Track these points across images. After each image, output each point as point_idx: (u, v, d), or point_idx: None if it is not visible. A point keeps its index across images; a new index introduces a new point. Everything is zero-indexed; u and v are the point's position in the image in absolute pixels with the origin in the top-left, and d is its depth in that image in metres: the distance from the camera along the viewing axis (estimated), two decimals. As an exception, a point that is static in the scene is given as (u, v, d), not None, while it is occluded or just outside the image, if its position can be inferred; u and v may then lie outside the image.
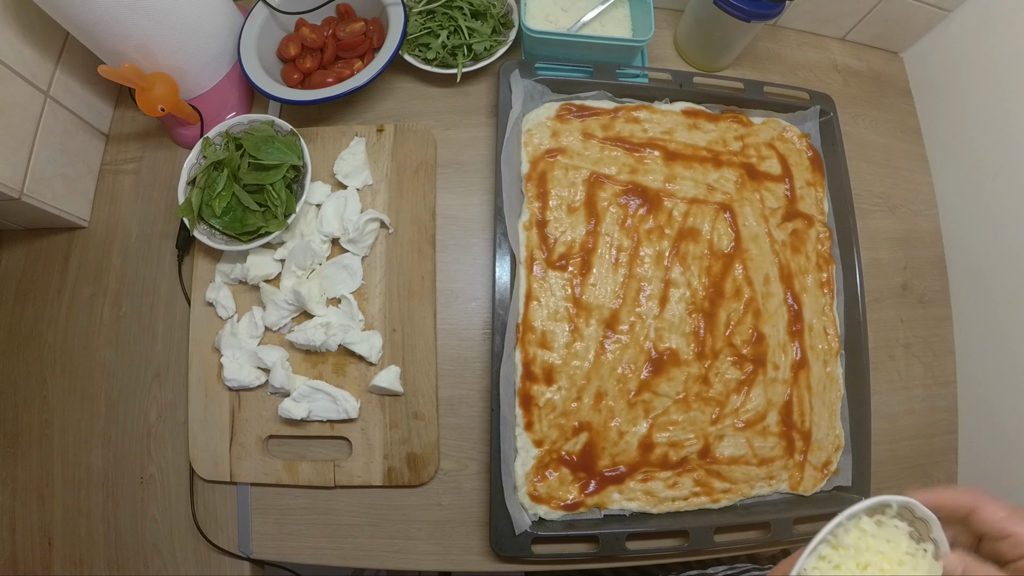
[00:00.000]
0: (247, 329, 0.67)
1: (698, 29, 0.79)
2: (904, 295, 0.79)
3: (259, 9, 0.73)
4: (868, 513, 0.43)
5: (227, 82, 0.75)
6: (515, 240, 0.68)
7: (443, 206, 0.74)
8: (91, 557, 0.66)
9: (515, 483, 0.63)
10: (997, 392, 0.73)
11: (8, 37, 0.63)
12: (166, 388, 0.70)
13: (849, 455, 0.69)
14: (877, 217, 0.81)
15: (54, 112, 0.69)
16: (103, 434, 0.69)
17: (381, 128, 0.74)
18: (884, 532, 0.42)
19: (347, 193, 0.71)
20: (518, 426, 0.64)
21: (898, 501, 0.41)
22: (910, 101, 0.88)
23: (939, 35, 0.84)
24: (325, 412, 0.65)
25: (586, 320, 0.67)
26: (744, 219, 0.72)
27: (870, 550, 0.41)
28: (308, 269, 0.69)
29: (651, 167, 0.73)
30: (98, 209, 0.76)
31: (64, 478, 0.68)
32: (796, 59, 0.88)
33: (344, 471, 0.66)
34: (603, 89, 0.74)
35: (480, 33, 0.75)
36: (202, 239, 0.65)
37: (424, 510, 0.67)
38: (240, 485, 0.67)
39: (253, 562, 0.67)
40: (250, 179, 0.65)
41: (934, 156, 0.85)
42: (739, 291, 0.70)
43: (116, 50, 0.65)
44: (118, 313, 0.72)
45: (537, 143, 0.72)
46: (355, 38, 0.74)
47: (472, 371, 0.70)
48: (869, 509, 0.42)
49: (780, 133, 0.77)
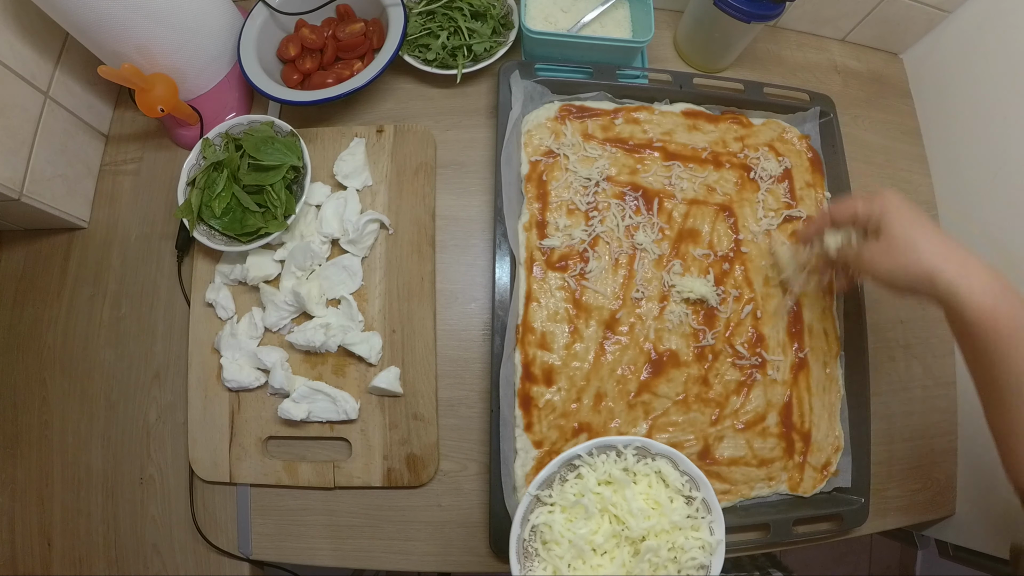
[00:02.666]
0: (247, 330, 0.67)
1: (698, 30, 0.79)
2: (904, 296, 0.79)
3: (259, 10, 0.73)
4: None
5: (227, 83, 0.75)
6: (515, 241, 0.68)
7: (443, 207, 0.74)
8: (91, 558, 0.66)
9: (515, 484, 0.63)
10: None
11: (8, 38, 0.63)
12: (166, 389, 0.70)
13: (848, 456, 0.69)
14: (877, 218, 0.81)
15: (54, 113, 0.69)
16: (103, 435, 0.69)
17: (381, 129, 0.74)
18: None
19: (347, 194, 0.71)
20: (518, 427, 0.64)
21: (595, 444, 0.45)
22: (910, 102, 0.88)
23: (939, 36, 0.84)
24: (325, 413, 0.65)
25: (586, 321, 0.67)
26: (744, 220, 0.72)
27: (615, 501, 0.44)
28: (308, 270, 0.69)
29: (651, 168, 0.73)
30: (98, 210, 0.76)
31: (64, 479, 0.68)
32: (796, 60, 0.88)
33: (344, 472, 0.66)
34: (603, 90, 0.74)
35: (480, 34, 0.75)
36: (202, 240, 0.65)
37: (424, 511, 0.67)
38: (240, 486, 0.67)
39: (253, 563, 0.67)
40: (250, 180, 0.65)
41: (934, 157, 0.85)
42: (739, 292, 0.70)
43: (116, 51, 0.65)
44: (118, 314, 0.72)
45: (537, 144, 0.72)
46: (355, 39, 0.74)
47: (472, 372, 0.70)
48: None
49: (780, 134, 0.77)
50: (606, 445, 0.45)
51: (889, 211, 0.51)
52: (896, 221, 0.50)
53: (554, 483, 0.45)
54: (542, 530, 0.44)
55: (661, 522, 0.44)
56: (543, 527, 0.44)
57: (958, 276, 0.46)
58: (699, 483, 0.46)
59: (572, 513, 0.44)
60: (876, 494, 0.68)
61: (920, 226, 0.50)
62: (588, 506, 0.44)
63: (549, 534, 0.43)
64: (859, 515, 0.67)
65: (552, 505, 0.45)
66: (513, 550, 0.42)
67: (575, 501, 0.44)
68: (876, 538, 1.53)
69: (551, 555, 0.43)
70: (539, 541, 0.44)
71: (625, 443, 0.45)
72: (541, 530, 0.44)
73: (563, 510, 0.44)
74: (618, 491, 0.45)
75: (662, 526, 0.44)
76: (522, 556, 0.43)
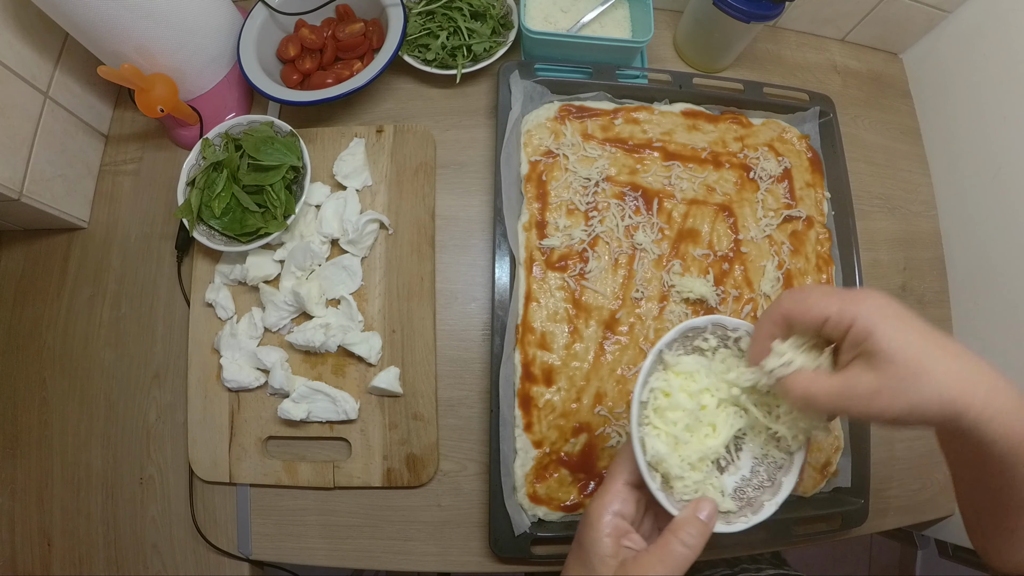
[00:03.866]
0: (246, 330, 0.67)
1: (698, 30, 0.79)
2: (904, 296, 0.79)
3: (259, 10, 0.73)
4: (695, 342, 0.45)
5: (226, 83, 0.75)
6: (514, 241, 0.68)
7: (442, 207, 0.74)
8: (90, 558, 0.66)
9: (514, 484, 0.63)
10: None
11: (8, 38, 0.63)
12: (165, 389, 0.70)
13: (848, 456, 0.69)
14: (876, 218, 0.81)
15: (53, 113, 0.69)
16: (102, 435, 0.69)
17: (380, 129, 0.74)
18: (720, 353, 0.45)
19: (346, 194, 0.71)
20: (517, 427, 0.64)
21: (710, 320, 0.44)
22: (910, 102, 0.88)
23: (939, 36, 0.84)
24: (324, 413, 0.65)
25: (585, 321, 0.67)
26: (744, 220, 0.72)
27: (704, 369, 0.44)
28: (307, 270, 0.69)
29: (651, 168, 0.73)
30: (97, 210, 0.76)
31: (63, 479, 0.68)
32: (796, 60, 0.88)
33: (343, 472, 0.66)
34: (603, 90, 0.74)
35: (480, 34, 0.75)
36: (201, 240, 0.65)
37: (423, 511, 0.67)
38: (239, 486, 0.67)
39: (252, 563, 0.67)
40: (249, 180, 0.65)
41: (933, 157, 0.85)
42: (739, 292, 0.70)
43: (115, 51, 0.65)
44: (117, 314, 0.72)
45: (536, 144, 0.72)
46: (354, 39, 0.74)
47: (471, 372, 0.70)
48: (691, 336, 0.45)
49: (780, 134, 0.77)
50: (719, 324, 0.44)
51: (879, 322, 0.35)
52: (896, 343, 0.35)
53: (672, 349, 0.44)
54: (657, 396, 0.43)
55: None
56: (660, 392, 0.43)
57: (986, 409, 0.34)
58: None
59: (685, 383, 0.43)
60: (876, 494, 0.68)
61: (925, 343, 0.35)
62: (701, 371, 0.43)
63: (664, 401, 0.43)
64: (859, 515, 0.67)
65: (668, 370, 0.44)
66: (634, 411, 0.41)
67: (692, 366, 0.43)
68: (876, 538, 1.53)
69: (665, 421, 0.42)
70: (651, 409, 0.43)
71: (735, 327, 0.44)
72: (656, 396, 0.43)
73: (679, 376, 0.44)
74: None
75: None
76: (639, 422, 0.42)
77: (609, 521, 0.41)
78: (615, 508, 0.41)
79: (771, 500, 0.43)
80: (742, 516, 0.43)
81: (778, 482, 0.43)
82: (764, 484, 0.44)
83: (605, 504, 0.41)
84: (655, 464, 0.42)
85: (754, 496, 0.44)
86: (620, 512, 0.41)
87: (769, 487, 0.44)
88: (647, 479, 0.41)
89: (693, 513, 0.40)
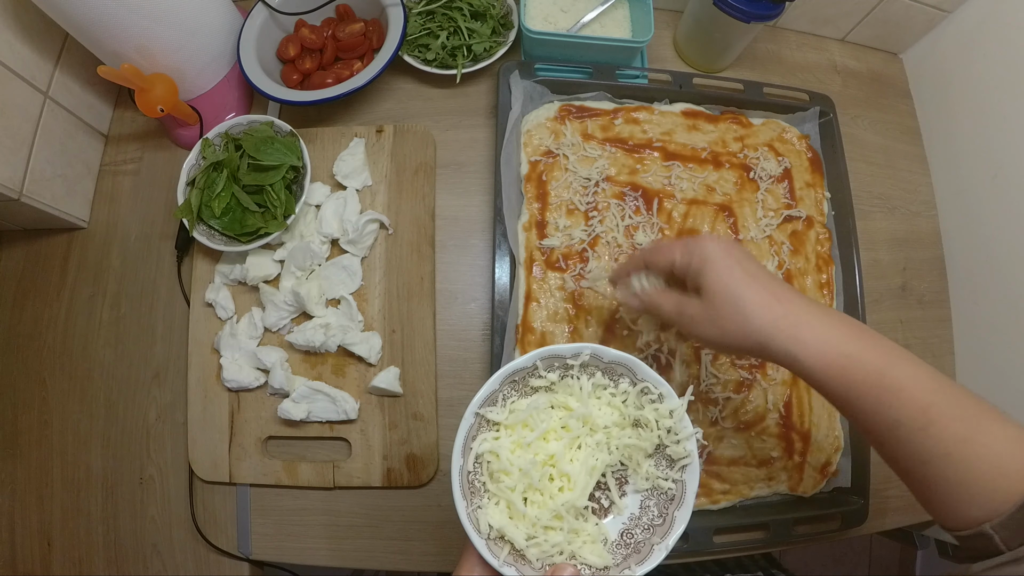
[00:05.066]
0: (246, 330, 0.67)
1: (698, 30, 0.79)
2: (903, 296, 0.80)
3: (258, 10, 0.73)
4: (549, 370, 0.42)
5: (226, 83, 0.75)
6: (514, 241, 0.68)
7: (442, 207, 0.74)
8: (90, 558, 0.66)
9: (514, 484, 0.63)
10: (996, 393, 0.73)
11: (7, 38, 0.63)
12: (165, 389, 0.70)
13: (848, 456, 0.69)
14: (876, 218, 0.81)
15: (53, 113, 0.69)
16: (102, 435, 0.69)
17: (380, 129, 0.74)
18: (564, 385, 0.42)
19: (346, 194, 0.71)
20: (517, 427, 0.64)
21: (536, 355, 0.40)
22: (909, 102, 0.88)
23: (939, 36, 0.84)
24: (324, 413, 0.65)
25: (585, 321, 0.67)
26: (744, 220, 0.72)
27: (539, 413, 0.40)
28: (307, 270, 0.69)
29: (651, 168, 0.73)
30: (97, 210, 0.76)
31: (63, 479, 0.68)
32: (796, 60, 0.88)
33: (343, 472, 0.66)
34: (603, 90, 0.74)
35: (480, 34, 0.75)
36: (201, 240, 0.65)
37: (423, 511, 0.67)
38: (239, 486, 0.67)
39: (252, 563, 0.67)
40: (249, 180, 0.65)
41: (933, 157, 0.85)
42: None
43: (115, 51, 0.65)
44: (117, 314, 0.72)
45: (536, 144, 0.72)
46: (354, 39, 0.74)
47: (471, 372, 0.70)
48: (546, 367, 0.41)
49: (780, 134, 0.77)
50: (553, 355, 0.40)
51: (708, 263, 0.43)
52: (715, 277, 0.42)
53: (497, 402, 0.40)
54: (488, 459, 0.39)
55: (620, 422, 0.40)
56: (488, 455, 0.39)
57: (791, 339, 0.39)
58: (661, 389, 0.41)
59: (519, 436, 0.39)
60: (876, 494, 0.68)
61: (743, 280, 0.42)
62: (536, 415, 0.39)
63: (496, 463, 0.39)
64: (859, 515, 0.67)
65: (497, 427, 0.40)
66: (456, 485, 0.37)
67: (525, 413, 0.39)
68: (876, 538, 1.53)
69: (500, 488, 0.38)
70: (486, 474, 0.39)
71: (574, 352, 0.40)
72: (487, 459, 0.39)
73: (510, 431, 0.39)
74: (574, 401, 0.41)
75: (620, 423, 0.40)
76: (468, 492, 0.38)
77: None
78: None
79: (661, 543, 0.39)
80: (625, 568, 0.38)
81: (670, 518, 0.40)
82: (655, 522, 0.40)
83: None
84: (500, 536, 0.38)
85: (643, 539, 0.40)
86: None
87: (660, 525, 0.40)
88: (488, 557, 0.37)
89: None
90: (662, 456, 0.40)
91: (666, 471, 0.40)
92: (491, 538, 0.37)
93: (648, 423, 0.40)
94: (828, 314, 0.41)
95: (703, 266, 0.43)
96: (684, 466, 0.40)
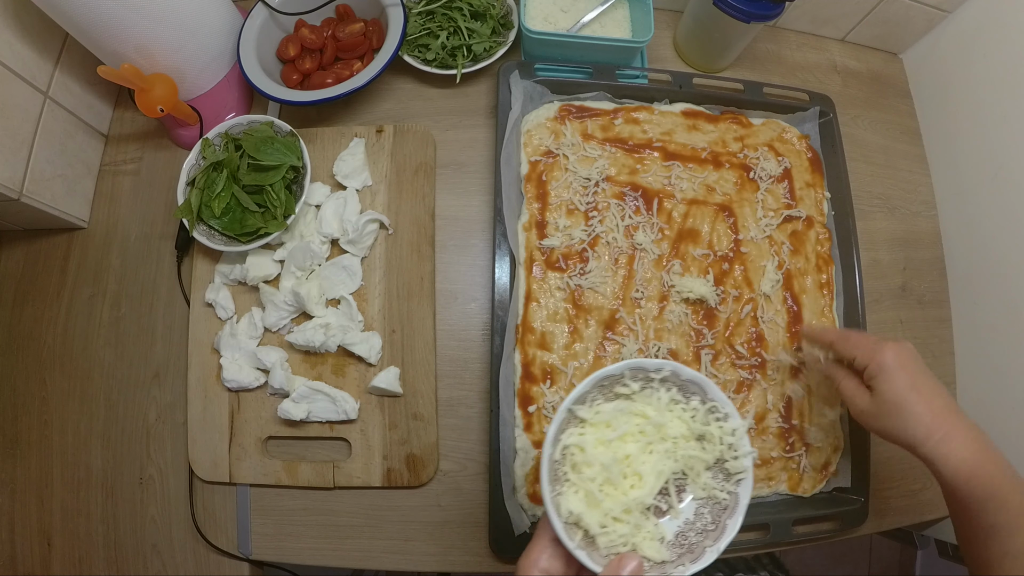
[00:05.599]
0: (246, 330, 0.67)
1: (698, 30, 0.79)
2: (903, 296, 0.80)
3: (258, 10, 0.73)
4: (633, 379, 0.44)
5: (226, 83, 0.75)
6: (514, 241, 0.68)
7: (442, 207, 0.74)
8: (90, 558, 0.66)
9: (514, 484, 0.63)
10: (996, 393, 0.73)
11: (7, 38, 0.63)
12: (165, 389, 0.70)
13: (848, 456, 0.69)
14: (876, 218, 0.81)
15: (53, 113, 0.69)
16: (102, 435, 0.69)
17: (380, 129, 0.74)
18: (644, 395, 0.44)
19: (346, 194, 0.71)
20: (517, 427, 0.64)
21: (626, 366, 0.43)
22: (909, 102, 0.88)
23: (938, 36, 0.84)
24: (324, 413, 0.65)
25: (585, 321, 0.67)
26: (743, 220, 0.72)
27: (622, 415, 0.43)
28: (307, 270, 0.69)
29: (650, 168, 0.73)
30: (97, 210, 0.76)
31: (63, 479, 0.68)
32: (796, 60, 0.88)
33: (343, 472, 0.66)
34: (602, 90, 0.75)
35: (480, 34, 0.75)
36: (201, 240, 0.65)
37: (423, 511, 0.67)
38: (239, 486, 0.67)
39: (252, 563, 0.67)
40: (249, 180, 0.65)
41: (933, 157, 0.85)
42: (739, 292, 0.70)
43: (115, 51, 0.65)
44: (117, 314, 0.72)
45: (536, 144, 0.72)
46: (354, 39, 0.74)
47: (471, 372, 0.70)
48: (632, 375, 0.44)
49: (779, 134, 0.77)
50: (639, 367, 0.43)
51: (883, 372, 0.52)
52: (887, 387, 0.52)
53: (585, 402, 0.43)
54: (572, 452, 0.42)
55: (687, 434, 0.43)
56: (574, 448, 0.42)
57: (936, 448, 0.49)
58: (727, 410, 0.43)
59: (601, 434, 0.43)
60: (876, 494, 0.68)
61: (909, 395, 0.50)
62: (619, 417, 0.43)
63: (580, 456, 0.42)
64: (858, 515, 0.67)
65: (583, 423, 0.43)
66: (545, 471, 0.40)
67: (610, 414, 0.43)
68: (876, 538, 1.53)
69: (582, 478, 0.41)
70: (568, 465, 0.42)
71: (657, 367, 0.43)
72: (572, 452, 0.42)
73: (594, 429, 0.43)
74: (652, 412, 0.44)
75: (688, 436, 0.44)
76: (552, 479, 0.41)
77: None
78: (542, 564, 0.41)
79: (712, 547, 0.42)
80: (680, 565, 0.41)
81: (722, 525, 0.42)
82: (708, 528, 0.43)
83: (532, 560, 0.41)
84: (576, 522, 0.41)
85: (696, 542, 0.43)
86: (547, 569, 0.41)
87: (712, 531, 0.43)
88: (564, 540, 0.39)
89: (615, 571, 0.39)
90: (719, 469, 0.44)
91: (722, 483, 0.44)
92: (568, 523, 0.40)
93: (712, 438, 0.43)
94: (971, 433, 0.49)
95: (879, 373, 0.52)
96: (739, 480, 0.43)
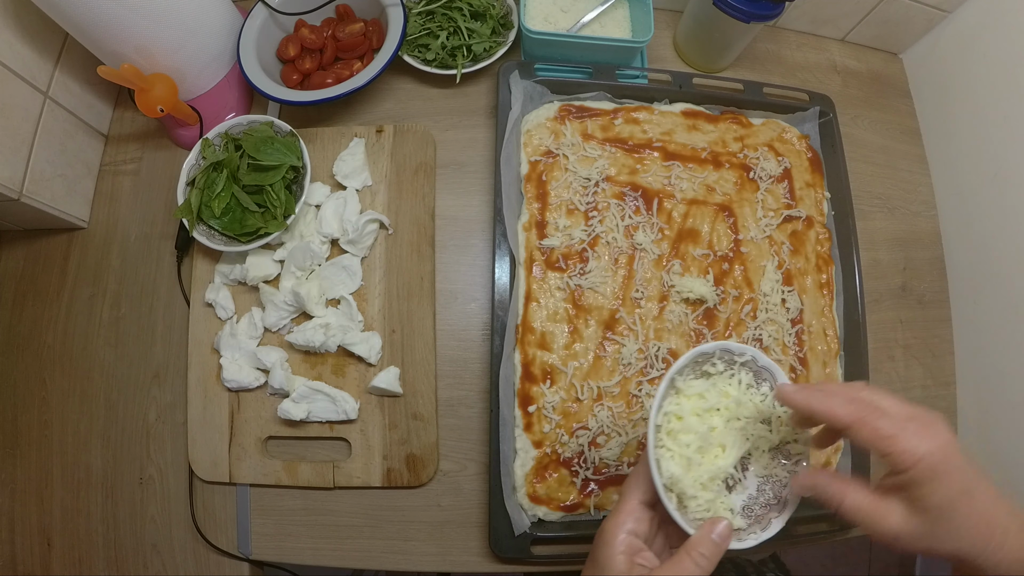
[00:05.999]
0: (246, 330, 0.67)
1: (698, 30, 0.79)
2: (903, 296, 0.80)
3: (258, 10, 0.73)
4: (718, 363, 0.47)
5: (226, 83, 0.75)
6: (514, 241, 0.68)
7: (442, 207, 0.74)
8: (90, 558, 0.66)
9: (514, 484, 0.63)
10: (996, 393, 0.73)
11: (7, 38, 0.63)
12: (165, 389, 0.70)
13: (848, 456, 0.69)
14: (876, 218, 0.81)
15: (53, 113, 0.69)
16: (102, 435, 0.69)
17: (380, 129, 0.74)
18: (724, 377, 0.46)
19: (346, 194, 0.71)
20: (517, 427, 0.64)
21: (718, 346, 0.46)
22: (909, 102, 0.88)
23: (938, 36, 0.84)
24: (324, 413, 0.65)
25: (585, 321, 0.67)
26: (743, 220, 0.72)
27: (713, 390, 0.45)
28: (307, 270, 0.69)
29: (650, 168, 0.73)
30: (97, 210, 0.76)
31: (63, 479, 0.68)
32: (795, 60, 0.88)
33: (343, 472, 0.66)
34: (602, 90, 0.74)
35: (479, 34, 0.75)
36: (201, 240, 0.65)
37: (423, 511, 0.67)
38: (239, 486, 0.67)
39: (252, 563, 0.67)
40: (249, 180, 0.65)
41: (933, 157, 0.85)
42: (739, 292, 0.70)
43: (115, 51, 0.65)
44: (117, 314, 0.72)
45: (536, 144, 0.72)
46: (354, 39, 0.74)
47: (471, 372, 0.70)
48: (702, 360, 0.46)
49: (779, 134, 0.77)
50: (726, 349, 0.46)
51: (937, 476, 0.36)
52: (943, 494, 0.36)
53: (682, 375, 0.46)
54: (670, 419, 0.44)
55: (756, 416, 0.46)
56: (673, 416, 0.44)
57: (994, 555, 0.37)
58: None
59: (695, 405, 0.45)
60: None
61: (964, 500, 0.36)
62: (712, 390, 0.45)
63: (677, 424, 0.44)
64: (859, 515, 0.67)
65: (679, 394, 0.45)
66: (651, 435, 0.43)
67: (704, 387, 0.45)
68: (876, 538, 1.53)
69: (678, 444, 0.44)
70: (664, 432, 0.44)
71: (741, 351, 0.46)
72: (669, 419, 0.44)
73: (689, 400, 0.45)
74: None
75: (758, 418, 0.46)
76: (654, 445, 0.44)
77: (623, 539, 0.41)
78: (629, 527, 0.42)
79: (778, 517, 0.44)
80: (752, 533, 0.44)
81: (783, 500, 0.45)
82: (770, 503, 0.46)
83: (620, 523, 0.42)
84: (670, 485, 0.43)
85: (762, 514, 0.45)
86: (634, 531, 0.42)
87: (775, 505, 0.45)
88: (664, 500, 0.42)
89: (708, 532, 0.41)
90: (780, 450, 0.46)
91: (781, 462, 0.46)
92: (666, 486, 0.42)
93: (778, 422, 0.46)
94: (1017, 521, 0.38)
95: (930, 477, 0.35)
96: (798, 460, 0.46)
